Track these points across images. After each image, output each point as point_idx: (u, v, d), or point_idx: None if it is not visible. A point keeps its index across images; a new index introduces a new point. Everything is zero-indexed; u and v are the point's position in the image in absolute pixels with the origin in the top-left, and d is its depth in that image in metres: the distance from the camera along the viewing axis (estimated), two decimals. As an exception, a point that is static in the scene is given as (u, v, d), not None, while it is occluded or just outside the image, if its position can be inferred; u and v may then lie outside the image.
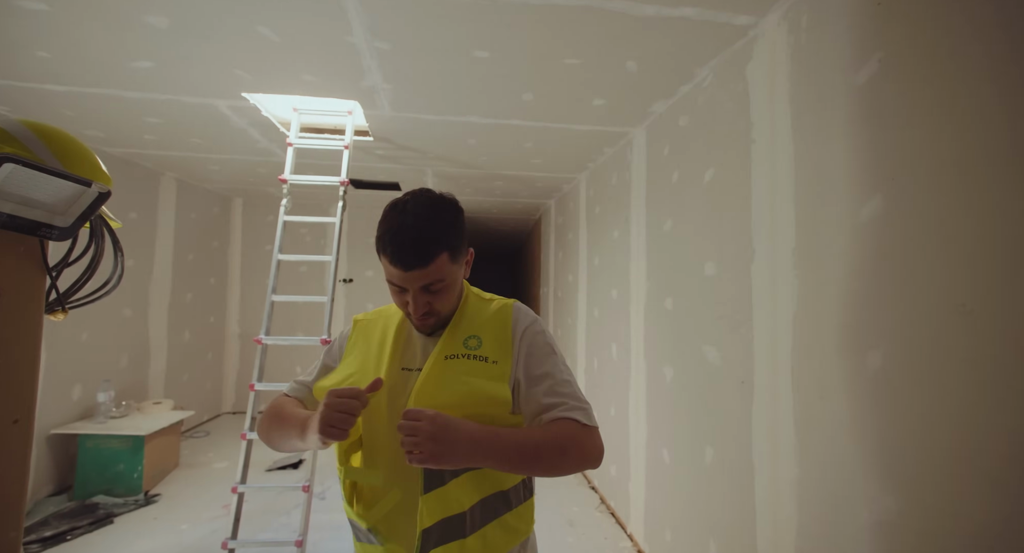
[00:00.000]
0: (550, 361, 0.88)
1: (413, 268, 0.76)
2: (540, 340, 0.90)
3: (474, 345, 0.86)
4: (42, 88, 2.10)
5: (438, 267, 0.78)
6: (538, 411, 0.83)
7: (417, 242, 0.76)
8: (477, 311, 0.92)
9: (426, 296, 0.81)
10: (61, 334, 2.79)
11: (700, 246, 1.86)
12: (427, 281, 0.79)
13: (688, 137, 1.98)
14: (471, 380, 0.82)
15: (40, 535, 2.42)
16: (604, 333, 3.00)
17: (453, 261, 0.81)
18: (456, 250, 0.82)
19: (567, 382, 0.86)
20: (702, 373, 1.83)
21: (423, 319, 0.84)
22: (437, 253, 0.77)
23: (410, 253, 0.76)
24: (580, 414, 0.81)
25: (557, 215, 4.44)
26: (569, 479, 3.31)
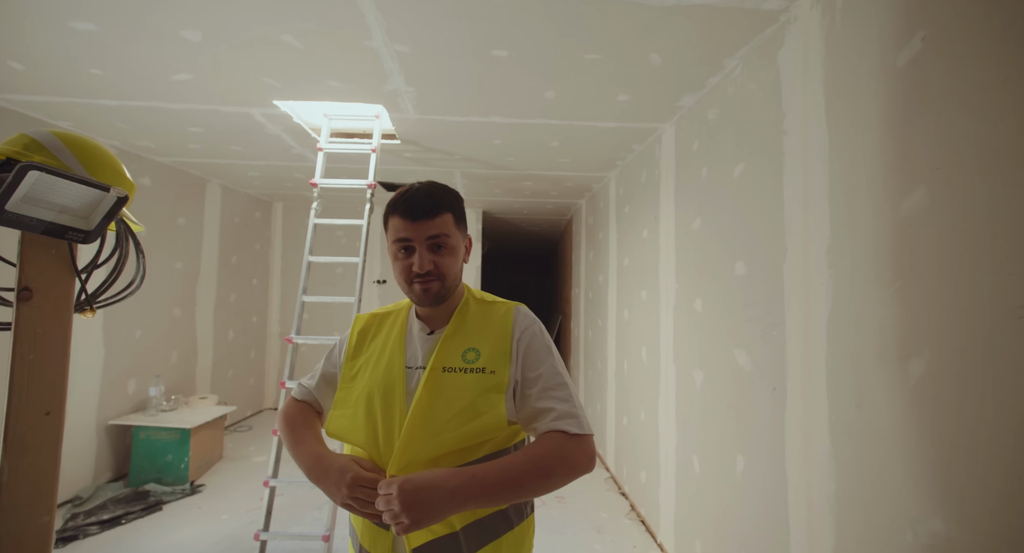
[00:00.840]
0: (546, 363, 0.86)
1: (420, 218, 0.83)
2: (538, 341, 0.89)
3: (472, 358, 0.85)
4: (97, 103, 2.26)
5: (444, 222, 0.85)
6: (530, 418, 0.83)
7: (427, 198, 0.85)
8: (478, 316, 0.91)
9: (432, 255, 0.84)
10: (118, 332, 2.99)
11: (730, 245, 1.78)
12: (433, 231, 0.83)
13: (717, 131, 1.89)
14: (467, 396, 0.82)
15: (99, 518, 2.60)
16: (634, 335, 2.92)
17: (456, 225, 0.88)
18: (459, 217, 0.89)
19: (560, 385, 0.84)
20: (732, 378, 1.74)
21: (426, 282, 0.84)
22: (443, 210, 0.85)
23: (419, 206, 0.83)
24: (569, 423, 0.79)
25: (588, 215, 4.37)
26: (599, 483, 3.24)
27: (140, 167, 3.11)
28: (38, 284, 0.85)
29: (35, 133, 0.82)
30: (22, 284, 0.83)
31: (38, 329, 0.85)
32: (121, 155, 2.96)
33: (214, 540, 2.45)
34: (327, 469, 0.78)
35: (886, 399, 1.07)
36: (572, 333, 5.23)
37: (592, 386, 4.05)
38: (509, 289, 12.14)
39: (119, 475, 3.05)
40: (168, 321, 3.41)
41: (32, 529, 0.84)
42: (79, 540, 2.42)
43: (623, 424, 3.10)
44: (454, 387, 0.82)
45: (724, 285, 1.81)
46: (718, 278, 1.86)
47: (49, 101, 2.25)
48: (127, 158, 3.00)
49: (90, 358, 2.82)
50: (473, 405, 0.81)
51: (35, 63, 1.87)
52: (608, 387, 3.48)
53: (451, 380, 0.83)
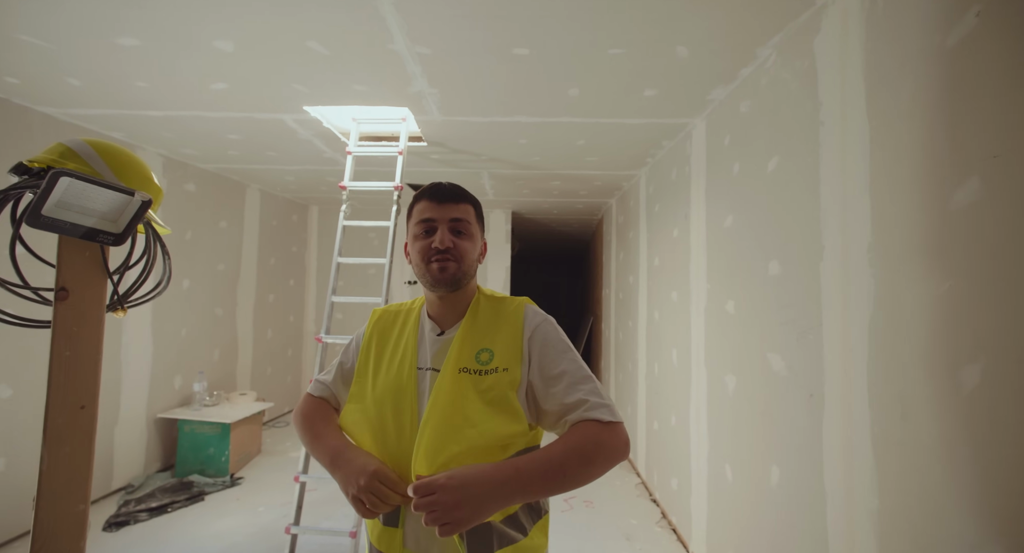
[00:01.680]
0: (566, 358, 0.85)
1: (446, 201, 0.88)
2: (552, 338, 0.87)
3: (486, 359, 0.85)
4: (145, 114, 2.39)
5: (465, 210, 0.89)
6: (561, 412, 0.81)
7: (453, 188, 0.91)
8: (490, 314, 0.91)
9: (452, 236, 0.87)
10: (165, 330, 3.16)
11: (763, 243, 1.69)
12: (457, 215, 0.87)
13: (750, 124, 1.81)
14: (485, 396, 0.81)
15: (148, 506, 2.75)
16: (665, 337, 2.83)
17: (477, 219, 0.92)
18: (478, 214, 0.93)
19: (586, 378, 0.83)
20: (767, 383, 1.65)
21: (443, 260, 0.85)
22: (467, 200, 0.91)
23: (446, 192, 0.89)
24: (602, 412, 0.78)
25: (618, 214, 4.29)
26: (628, 489, 3.16)
27: (185, 174, 3.28)
28: (73, 285, 0.90)
29: (70, 141, 0.87)
30: (59, 285, 0.88)
31: (73, 327, 0.90)
32: (167, 163, 3.13)
33: (251, 531, 2.54)
34: (351, 459, 0.78)
35: (935, 410, 0.98)
36: (603, 334, 5.14)
37: (623, 389, 3.97)
38: (541, 290, 12.09)
39: (167, 465, 3.22)
40: (211, 320, 3.58)
41: (69, 516, 0.89)
42: (130, 525, 2.57)
43: (654, 429, 3.02)
44: (471, 388, 0.82)
45: (757, 286, 1.72)
46: (751, 278, 1.77)
47: (103, 114, 2.40)
48: (172, 166, 3.17)
49: (140, 355, 2.99)
50: (492, 403, 0.81)
51: (89, 78, 2.00)
52: (639, 390, 3.40)
53: (468, 381, 0.83)
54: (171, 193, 3.16)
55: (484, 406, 0.80)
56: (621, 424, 0.80)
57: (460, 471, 0.69)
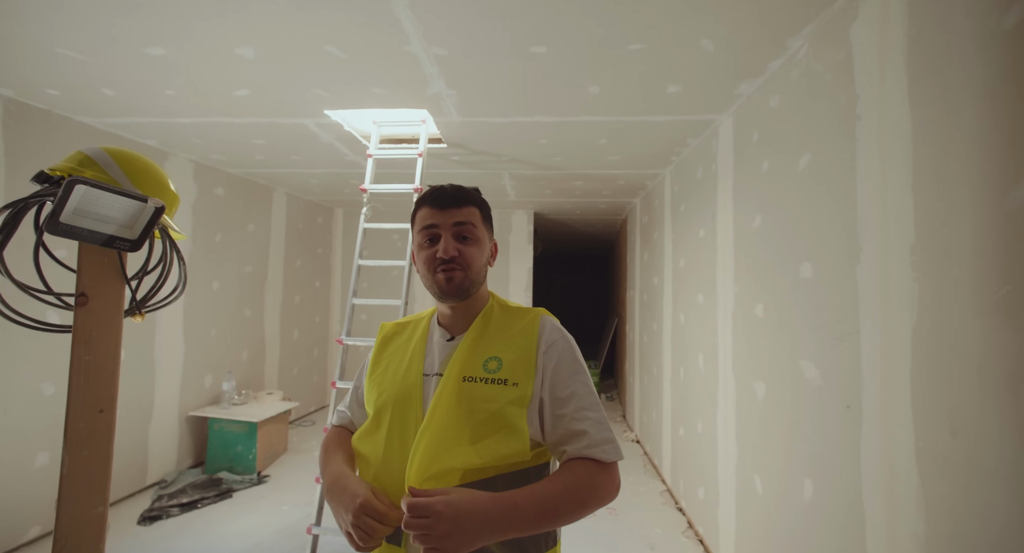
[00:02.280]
0: (577, 381, 0.81)
1: (448, 206, 0.83)
2: (567, 357, 0.83)
3: (494, 368, 0.81)
4: (174, 122, 2.47)
5: (469, 213, 0.85)
6: (561, 440, 0.78)
7: (455, 191, 0.86)
8: (501, 323, 0.87)
9: (457, 243, 0.83)
10: (196, 331, 3.26)
11: (794, 245, 1.60)
12: (460, 219, 0.83)
13: (780, 120, 1.72)
14: (487, 407, 0.77)
15: (179, 501, 2.84)
16: (690, 341, 2.75)
17: (483, 221, 0.88)
18: (485, 215, 0.89)
19: (594, 405, 0.79)
20: (799, 392, 1.57)
21: (449, 270, 0.82)
22: (470, 203, 0.86)
23: (447, 196, 0.84)
24: (601, 450, 0.75)
25: (643, 214, 4.20)
26: (653, 496, 3.08)
27: (215, 178, 3.37)
28: (93, 290, 0.91)
29: (88, 150, 0.88)
30: (79, 290, 0.90)
31: (93, 332, 0.91)
32: (198, 168, 3.23)
33: (275, 529, 2.59)
34: (343, 489, 0.76)
35: (992, 428, 0.89)
36: (627, 337, 5.05)
37: (647, 393, 3.88)
38: (564, 291, 12.00)
39: (198, 462, 3.32)
40: (239, 321, 3.67)
41: (88, 518, 0.90)
42: (162, 520, 2.66)
43: (679, 435, 2.93)
44: (474, 398, 0.78)
45: (788, 289, 1.64)
46: (781, 281, 1.68)
47: (136, 122, 2.49)
48: (203, 171, 3.27)
49: (173, 354, 3.09)
50: (493, 418, 0.77)
51: (122, 89, 2.07)
52: (664, 395, 3.31)
53: (471, 390, 0.79)
54: (201, 197, 3.26)
55: (484, 420, 0.76)
56: (616, 465, 0.77)
57: (457, 499, 0.65)
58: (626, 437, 4.31)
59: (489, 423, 0.76)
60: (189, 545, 2.41)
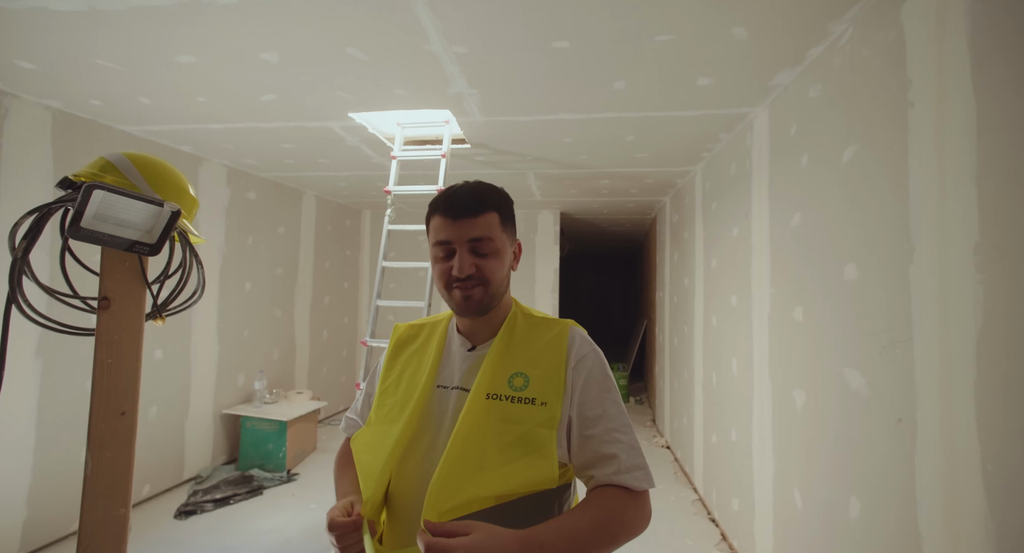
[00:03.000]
0: (608, 400, 0.75)
1: (462, 216, 0.75)
2: (597, 373, 0.77)
3: (520, 385, 0.75)
4: (207, 128, 2.54)
5: (487, 223, 0.76)
6: (588, 463, 0.72)
7: (470, 195, 0.77)
8: (527, 336, 0.81)
9: (473, 258, 0.76)
10: (229, 331, 3.36)
11: (837, 244, 1.49)
12: (476, 233, 0.75)
13: (821, 110, 1.61)
14: (514, 430, 0.72)
15: (213, 497, 2.92)
16: (723, 345, 2.63)
17: (503, 226, 0.79)
18: (506, 216, 0.80)
19: (625, 426, 0.74)
20: (843, 402, 1.46)
21: (467, 288, 0.76)
22: (487, 207, 0.77)
23: (461, 203, 0.76)
24: (632, 477, 0.70)
25: (672, 213, 4.07)
26: (685, 506, 2.97)
27: (247, 183, 3.46)
28: (115, 294, 0.92)
29: (110, 155, 0.89)
30: (102, 294, 0.91)
31: (115, 335, 0.92)
32: (231, 173, 3.32)
33: (303, 527, 2.63)
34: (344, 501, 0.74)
35: (1069, 450, 0.79)
36: (656, 339, 4.91)
37: (678, 398, 3.75)
38: (592, 292, 11.85)
39: (232, 458, 3.42)
40: (271, 321, 3.76)
41: (110, 520, 0.91)
42: (197, 515, 2.74)
43: (712, 442, 2.81)
44: (500, 417, 0.73)
45: (830, 291, 1.53)
46: (823, 283, 1.58)
47: (172, 129, 2.58)
48: (235, 175, 3.36)
49: (207, 354, 3.19)
50: (522, 441, 0.71)
51: (157, 97, 2.13)
52: (695, 400, 3.19)
53: (497, 409, 0.73)
54: (234, 201, 3.35)
55: (511, 442, 0.71)
56: (647, 494, 0.72)
57: (480, 544, 0.58)
58: (655, 442, 4.19)
59: (517, 446, 0.71)
60: (221, 541, 2.47)
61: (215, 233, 3.21)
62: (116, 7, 1.45)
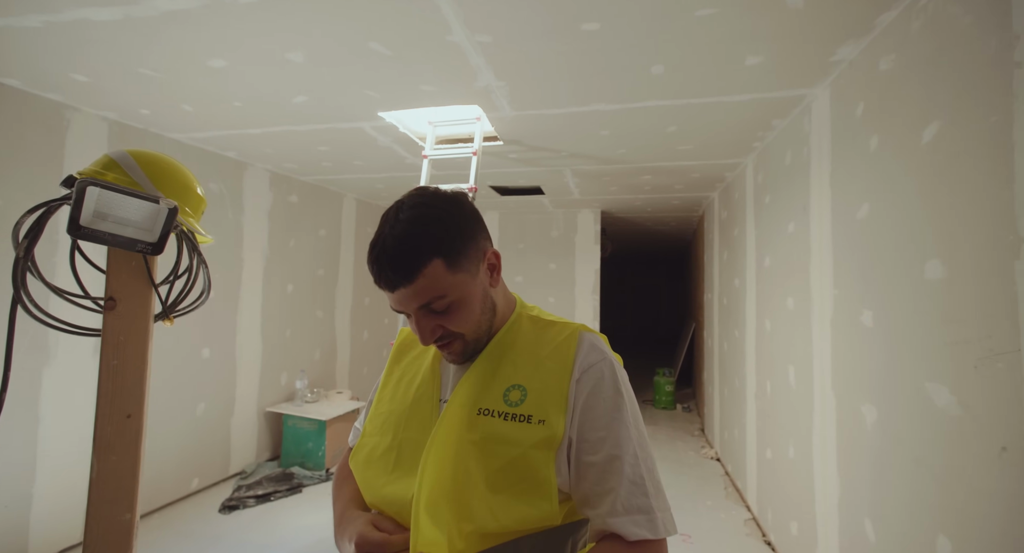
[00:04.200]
0: (616, 421, 0.62)
1: (397, 286, 0.61)
2: (605, 387, 0.64)
3: (516, 399, 0.64)
4: (247, 133, 2.60)
5: (431, 281, 0.61)
6: (585, 499, 0.60)
7: (396, 253, 0.61)
8: (533, 342, 0.70)
9: (433, 319, 0.64)
10: (272, 331, 3.45)
11: (916, 237, 1.28)
12: (422, 300, 0.62)
13: (894, 85, 1.40)
14: (507, 452, 0.61)
15: (255, 493, 3.00)
16: (778, 352, 2.40)
17: (452, 268, 0.63)
18: (454, 254, 0.63)
19: (632, 455, 0.60)
20: (926, 422, 1.25)
21: (444, 346, 0.67)
22: (423, 262, 0.61)
23: (388, 268, 0.61)
24: (633, 521, 0.56)
25: (721, 209, 3.82)
26: (737, 525, 2.74)
27: (289, 186, 3.56)
28: (121, 294, 0.90)
29: (114, 153, 0.87)
30: (108, 294, 0.89)
31: (120, 336, 0.90)
32: (273, 177, 3.42)
33: (338, 528, 2.63)
34: (343, 531, 0.65)
35: None
36: (705, 343, 4.63)
37: (728, 407, 3.50)
38: (637, 293, 11.49)
39: (275, 455, 3.52)
40: (312, 322, 3.85)
41: (116, 525, 0.89)
42: (240, 510, 2.82)
43: (766, 458, 2.57)
44: (490, 437, 0.62)
45: (907, 292, 1.32)
46: (898, 283, 1.36)
47: (215, 135, 2.67)
48: (278, 180, 3.46)
49: (252, 353, 3.29)
50: (513, 466, 0.60)
51: (197, 103, 2.20)
52: (747, 411, 2.95)
53: (487, 427, 0.63)
54: (276, 205, 3.45)
55: (501, 467, 0.60)
56: (658, 543, 0.57)
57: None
58: (704, 454, 3.94)
59: (507, 472, 0.60)
60: (262, 537, 2.52)
61: (259, 236, 3.31)
62: (148, 13, 1.47)
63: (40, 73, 1.91)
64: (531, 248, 5.05)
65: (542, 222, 5.03)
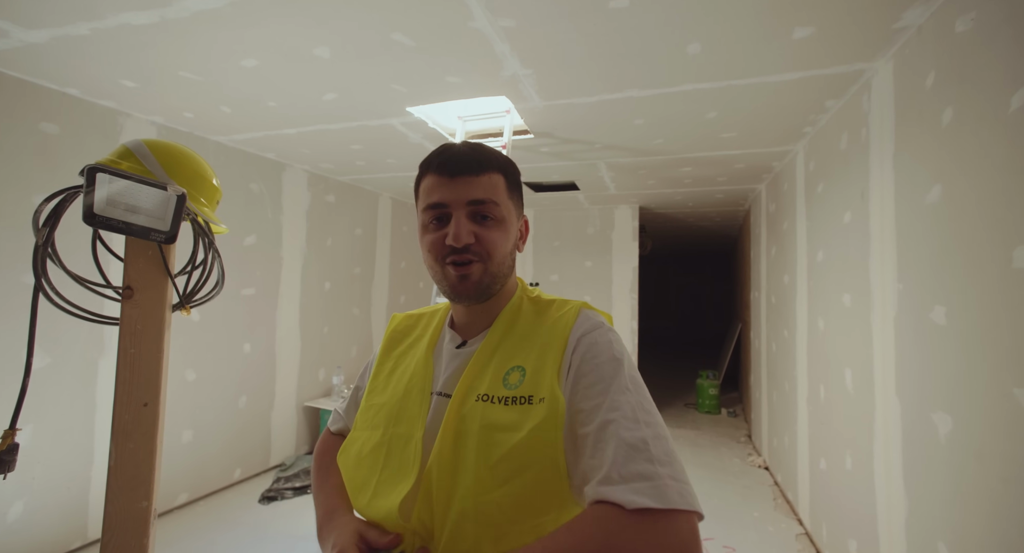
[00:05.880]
0: (611, 387, 0.55)
1: (461, 174, 0.62)
2: (599, 352, 0.58)
3: (515, 381, 0.59)
4: (283, 133, 2.67)
5: (491, 183, 0.64)
6: (583, 478, 0.52)
7: (471, 151, 0.65)
8: (533, 323, 0.65)
9: (473, 225, 0.62)
10: (310, 327, 3.54)
11: (1001, 221, 1.12)
12: (478, 195, 0.62)
13: (973, 48, 1.23)
14: (507, 439, 0.56)
15: (293, 485, 3.08)
16: (834, 353, 2.20)
17: (509, 192, 0.66)
18: (512, 183, 0.68)
19: (629, 420, 0.51)
20: (1014, 435, 1.08)
21: (464, 263, 0.61)
22: (491, 167, 0.64)
23: (460, 158, 0.63)
24: (633, 490, 0.45)
25: (768, 202, 3.58)
26: (788, 539, 2.55)
27: (326, 186, 3.64)
28: (138, 283, 0.91)
29: (130, 142, 0.88)
30: (125, 283, 0.90)
31: (138, 325, 0.90)
32: (311, 177, 3.51)
33: (370, 523, 2.65)
34: (327, 535, 0.62)
35: None
36: (752, 344, 4.38)
37: (777, 412, 3.27)
38: (681, 292, 11.10)
39: (313, 449, 3.60)
40: (349, 319, 3.92)
41: (133, 512, 0.89)
42: (278, 501, 2.89)
43: (820, 468, 2.37)
44: (490, 425, 0.57)
45: (991, 284, 1.15)
46: (978, 274, 1.19)
47: (254, 137, 2.75)
48: (315, 180, 3.54)
49: (291, 349, 3.39)
50: (515, 454, 0.55)
51: (235, 105, 2.27)
52: (798, 417, 2.73)
53: (486, 414, 0.58)
54: (314, 204, 3.54)
55: (503, 457, 0.55)
56: (675, 514, 0.44)
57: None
58: (751, 462, 3.71)
59: (510, 462, 0.54)
60: (298, 528, 2.57)
61: (297, 235, 3.40)
62: (180, 15, 1.52)
63: (94, 81, 2.03)
64: (566, 246, 4.95)
65: (577, 219, 4.92)
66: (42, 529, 2.12)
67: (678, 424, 4.66)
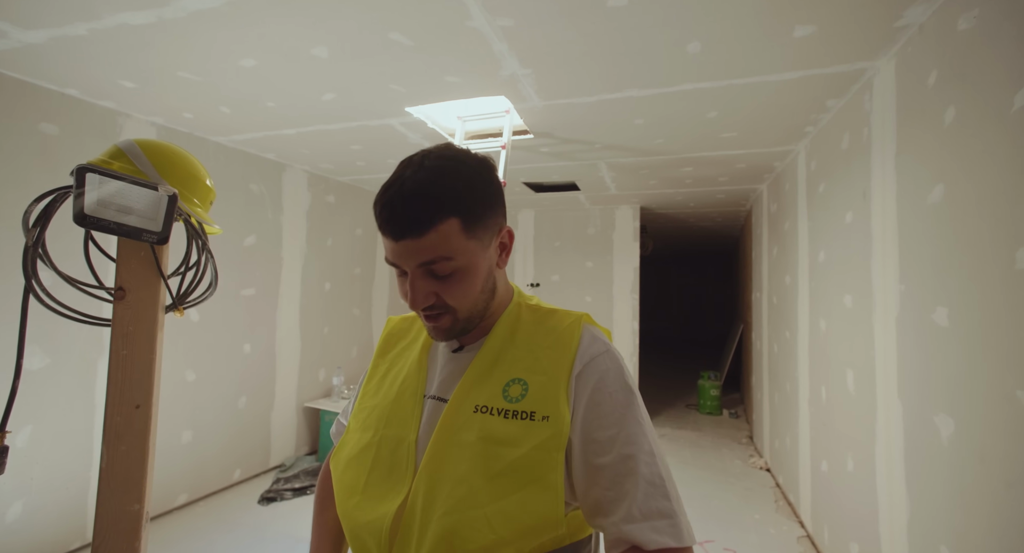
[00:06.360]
0: (627, 417, 0.55)
1: (404, 236, 0.54)
2: (611, 381, 0.57)
3: (517, 395, 0.58)
4: (282, 134, 2.67)
5: (442, 239, 0.54)
6: (597, 506, 0.52)
7: (413, 200, 0.54)
8: (532, 333, 0.64)
9: (431, 283, 0.57)
10: (311, 328, 3.54)
11: (1003, 219, 1.10)
12: (426, 257, 0.55)
13: (976, 46, 1.21)
14: (507, 453, 0.55)
15: (293, 486, 3.07)
16: (835, 354, 2.18)
17: (467, 233, 0.56)
18: (473, 218, 0.57)
19: (647, 455, 0.52)
20: (1018, 437, 1.06)
21: (432, 318, 0.59)
22: (439, 217, 0.54)
23: (400, 213, 0.54)
24: (655, 526, 0.48)
25: (770, 202, 3.57)
26: (788, 543, 2.53)
27: (326, 187, 3.64)
28: (130, 284, 0.90)
29: (121, 142, 0.87)
30: (117, 284, 0.89)
31: (130, 327, 0.90)
32: (311, 178, 3.50)
33: (369, 524, 2.64)
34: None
35: None
36: (753, 345, 4.36)
37: (779, 414, 3.25)
38: (683, 293, 11.07)
39: (313, 449, 3.60)
40: (349, 320, 3.92)
41: (125, 515, 0.88)
42: (278, 502, 2.89)
43: (822, 470, 2.35)
44: (489, 437, 0.56)
45: (993, 285, 1.13)
46: (981, 274, 1.18)
47: (254, 137, 2.75)
48: (315, 180, 3.54)
49: (291, 350, 3.38)
50: (514, 469, 0.54)
51: (234, 105, 2.27)
52: (800, 418, 2.72)
53: (485, 426, 0.57)
54: (314, 205, 3.54)
55: (502, 471, 0.54)
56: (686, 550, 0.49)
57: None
58: (752, 463, 3.69)
59: (508, 477, 0.54)
60: (297, 529, 2.56)
61: (297, 235, 3.40)
62: (178, 14, 1.51)
63: (93, 81, 2.02)
64: (567, 246, 4.94)
65: (578, 219, 4.91)
66: (41, 529, 2.12)
67: (679, 425, 4.65)
